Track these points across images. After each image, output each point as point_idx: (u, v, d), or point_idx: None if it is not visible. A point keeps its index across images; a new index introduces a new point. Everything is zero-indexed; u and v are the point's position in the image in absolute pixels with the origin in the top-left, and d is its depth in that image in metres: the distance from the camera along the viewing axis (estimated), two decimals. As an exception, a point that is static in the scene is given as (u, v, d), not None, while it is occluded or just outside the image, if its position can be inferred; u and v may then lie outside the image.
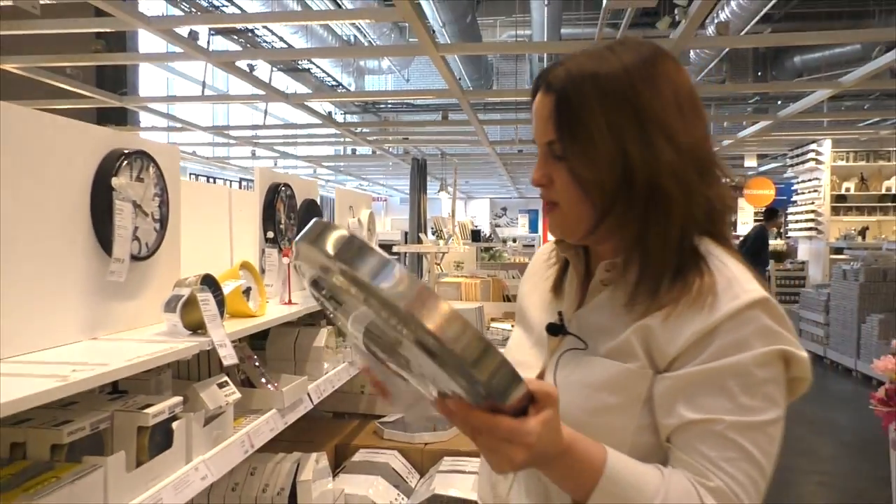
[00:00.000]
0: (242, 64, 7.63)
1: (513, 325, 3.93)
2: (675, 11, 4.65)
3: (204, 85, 9.76)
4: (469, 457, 2.35)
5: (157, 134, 10.29)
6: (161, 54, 7.61)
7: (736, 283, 0.82)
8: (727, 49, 10.62)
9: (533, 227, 20.04)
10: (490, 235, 11.56)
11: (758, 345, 0.79)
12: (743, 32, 9.10)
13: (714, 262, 0.85)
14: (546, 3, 9.44)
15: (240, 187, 14.34)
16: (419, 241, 7.12)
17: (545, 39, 10.04)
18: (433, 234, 8.27)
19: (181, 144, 11.24)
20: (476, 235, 8.79)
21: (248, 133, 10.75)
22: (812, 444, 5.03)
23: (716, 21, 8.91)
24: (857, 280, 7.19)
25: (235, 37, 10.02)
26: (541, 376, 0.94)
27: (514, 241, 12.47)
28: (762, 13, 8.99)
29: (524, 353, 0.99)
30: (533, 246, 11.72)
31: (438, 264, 6.29)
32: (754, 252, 8.66)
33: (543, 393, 0.72)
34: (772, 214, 9.39)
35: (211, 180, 13.70)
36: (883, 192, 10.38)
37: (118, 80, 7.35)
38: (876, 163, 10.42)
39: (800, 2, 11.09)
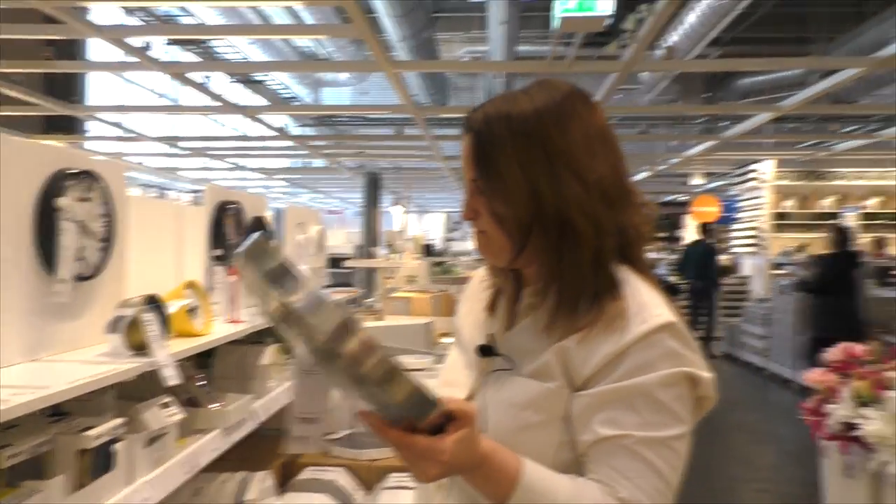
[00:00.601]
0: (197, 75, 7.57)
1: (461, 342, 3.93)
2: (623, 36, 4.79)
3: (157, 94, 9.64)
4: (415, 473, 2.38)
5: (105, 143, 10.08)
6: (113, 63, 7.48)
7: (645, 308, 0.89)
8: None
9: (487, 241, 20.12)
10: (443, 250, 11.62)
11: (663, 366, 0.85)
12: (692, 54, 9.39)
13: (628, 289, 0.91)
14: (503, 21, 9.59)
15: (192, 200, 14.14)
16: (371, 256, 7.14)
17: (502, 56, 10.18)
18: (386, 248, 8.29)
19: (131, 154, 11.03)
20: (429, 250, 8.83)
21: (200, 144, 10.61)
22: (752, 453, 5.20)
23: (665, 43, 9.19)
24: (794, 295, 7.45)
25: (192, 47, 9.91)
26: (471, 395, 0.99)
27: (467, 255, 12.55)
28: (711, 37, 9.31)
29: (457, 373, 1.04)
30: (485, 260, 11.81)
31: (391, 278, 6.32)
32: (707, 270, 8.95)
33: (462, 412, 0.80)
34: (707, 230, 9.66)
35: (161, 192, 13.48)
36: (820, 210, 10.79)
37: (68, 88, 7.20)
38: (814, 182, 10.84)
39: (747, 27, 11.51)
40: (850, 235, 8.05)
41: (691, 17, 8.94)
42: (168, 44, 9.36)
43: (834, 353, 3.01)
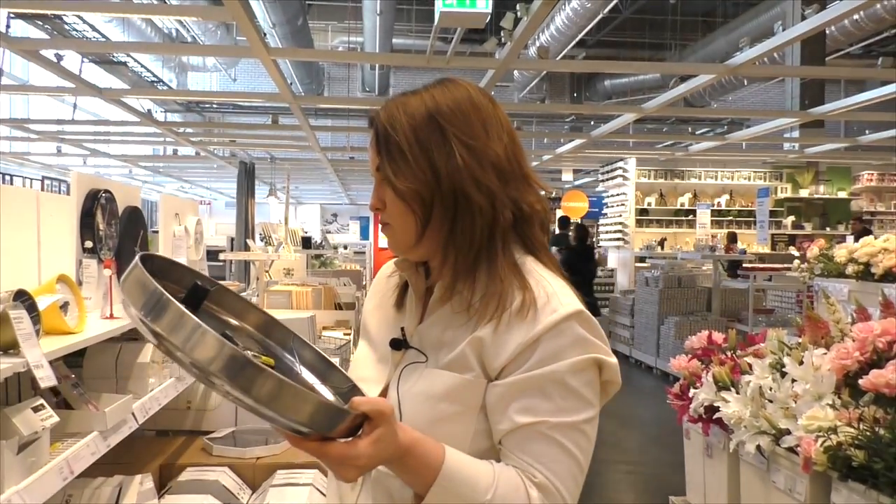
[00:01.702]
0: (48, 53, 6.97)
1: (344, 334, 3.92)
2: (501, 33, 4.91)
3: (0, 73, 8.81)
4: (303, 468, 2.34)
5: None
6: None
7: (555, 297, 0.92)
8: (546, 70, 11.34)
9: (364, 234, 20.07)
10: (321, 242, 11.44)
11: (573, 353, 0.89)
12: (560, 56, 9.79)
13: (535, 277, 0.95)
14: (378, 12, 9.55)
15: (42, 187, 13.06)
16: (247, 248, 6.91)
17: (377, 47, 10.14)
18: (261, 240, 8.04)
19: (-28, 137, 10.05)
20: (307, 242, 8.67)
21: (53, 128, 9.82)
22: (619, 437, 5.51)
23: (536, 42, 9.52)
24: (657, 286, 7.96)
25: (40, 22, 9.12)
26: (385, 389, 0.98)
27: (346, 247, 12.44)
28: (577, 38, 9.74)
29: (369, 369, 1.03)
30: (364, 253, 11.75)
31: (267, 271, 6.14)
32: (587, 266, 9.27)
33: (377, 412, 0.80)
34: (565, 223, 10.07)
35: (7, 178, 12.35)
36: (678, 206, 11.58)
37: None
38: (672, 181, 11.61)
39: (609, 31, 12.14)
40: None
41: (558, 20, 9.34)
42: (11, 17, 8.58)
43: (695, 341, 3.23)
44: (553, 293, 0.93)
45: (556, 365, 0.88)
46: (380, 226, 1.02)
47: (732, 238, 10.29)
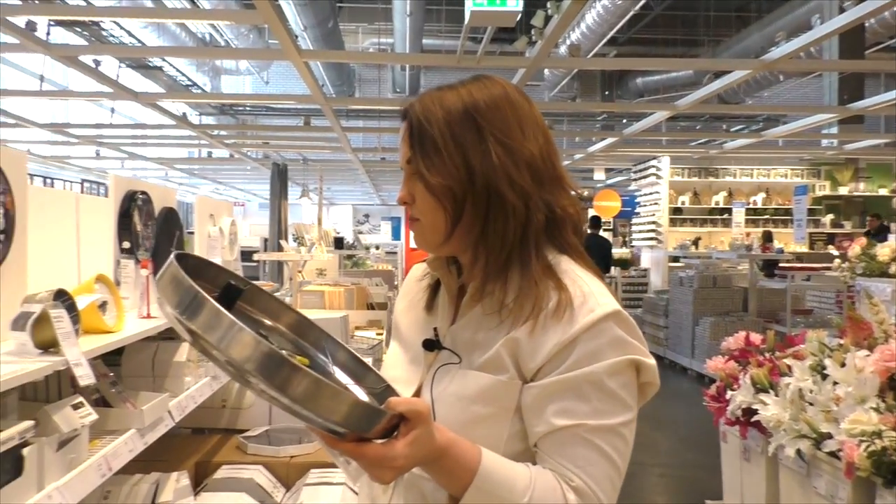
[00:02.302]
0: (86, 58, 7.13)
1: (377, 333, 3.92)
2: (532, 32, 4.89)
3: (42, 79, 9.03)
4: (337, 468, 2.35)
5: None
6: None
7: (591, 296, 0.91)
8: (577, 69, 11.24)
9: (395, 235, 20.15)
10: (353, 243, 11.51)
11: (610, 355, 0.88)
12: (591, 54, 9.71)
13: (571, 277, 0.93)
14: (408, 13, 9.57)
15: (82, 189, 13.35)
16: (280, 249, 6.97)
17: (407, 48, 10.17)
18: (294, 240, 8.11)
19: (13, 142, 10.30)
20: (339, 243, 8.72)
21: (92, 132, 10.04)
22: (654, 439, 5.44)
23: (567, 41, 9.45)
24: (691, 286, 7.85)
25: (79, 29, 9.32)
26: (418, 391, 0.98)
27: (378, 248, 12.49)
28: (608, 36, 9.65)
29: (401, 370, 1.03)
30: (396, 253, 11.79)
31: (300, 272, 6.19)
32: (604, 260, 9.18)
33: (414, 412, 0.79)
34: (596, 223, 9.99)
35: (48, 181, 12.66)
36: (713, 205, 11.41)
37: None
38: (707, 179, 11.44)
39: (640, 28, 12.01)
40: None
41: (589, 18, 9.25)
42: (52, 24, 8.77)
43: (732, 342, 3.18)
44: (590, 292, 0.91)
45: (593, 366, 0.87)
46: (409, 221, 1.02)
47: (768, 237, 10.10)
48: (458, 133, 0.93)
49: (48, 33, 7.99)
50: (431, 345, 0.99)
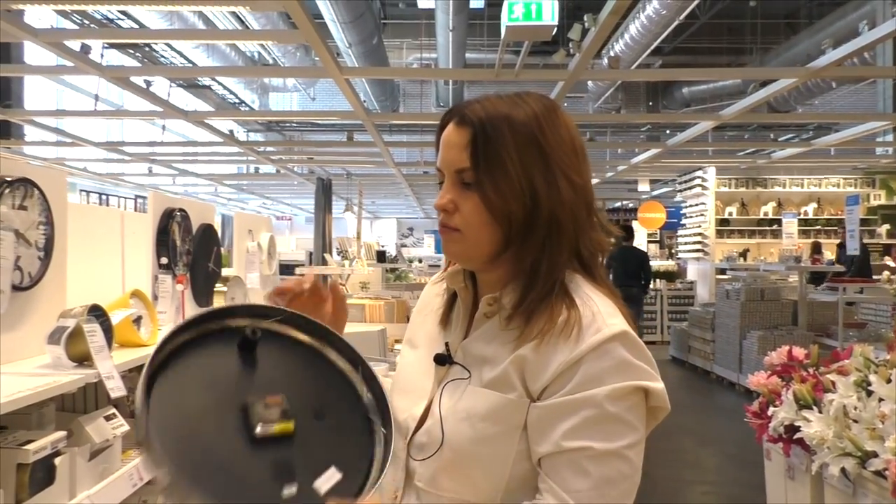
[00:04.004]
0: (139, 79, 7.38)
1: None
2: (570, 45, 4.88)
3: (97, 99, 9.38)
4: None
5: (45, 149, 9.76)
6: (50, 67, 7.27)
7: (599, 316, 0.89)
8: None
9: (438, 248, 20.22)
10: (396, 256, 11.60)
11: (615, 379, 0.86)
12: (635, 65, 9.63)
13: (581, 296, 0.92)
14: (451, 28, 9.65)
15: (135, 205, 13.78)
16: (324, 262, 7.08)
17: (450, 63, 10.24)
18: (338, 254, 8.22)
19: (71, 160, 10.71)
20: (381, 256, 8.81)
21: (145, 150, 10.38)
22: (698, 456, 5.32)
23: (610, 52, 9.39)
24: (738, 299, 7.67)
25: (131, 51, 9.67)
26: (429, 405, 0.98)
27: (420, 261, 12.56)
28: (652, 46, 9.56)
29: (413, 383, 1.03)
30: (439, 266, 11.84)
31: (343, 285, 6.27)
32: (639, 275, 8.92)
33: None
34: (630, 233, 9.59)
35: (103, 197, 13.11)
36: (761, 216, 11.15)
37: (1, 91, 6.96)
38: (754, 189, 11.19)
39: (686, 37, 11.86)
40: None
41: (633, 29, 9.18)
42: (107, 48, 9.12)
43: (775, 356, 3.10)
44: (598, 312, 0.90)
45: (596, 390, 0.85)
46: (440, 227, 0.98)
47: (817, 248, 9.81)
48: (526, 159, 0.92)
49: (102, 55, 8.30)
50: (443, 359, 0.99)
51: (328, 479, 0.81)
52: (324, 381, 0.93)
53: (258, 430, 0.78)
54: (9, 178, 1.47)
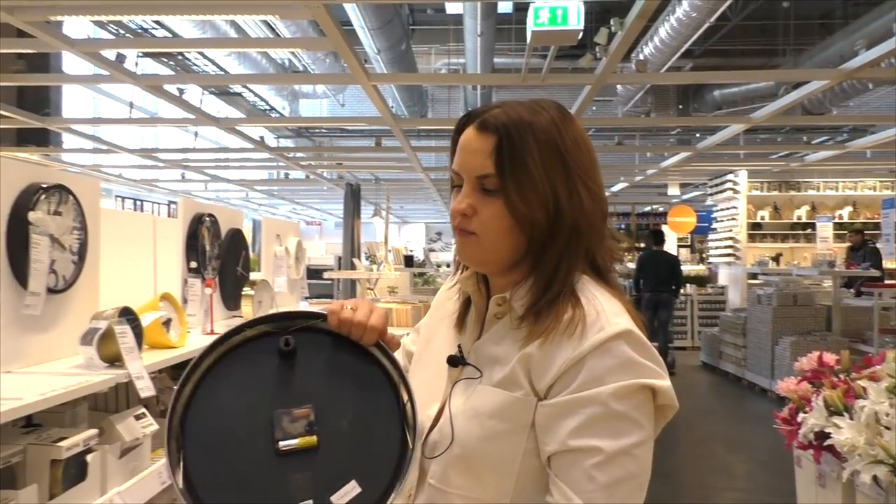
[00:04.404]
0: (172, 87, 7.53)
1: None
2: (596, 49, 4.87)
3: (132, 107, 9.58)
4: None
5: (82, 156, 9.99)
6: (87, 76, 7.44)
7: (603, 315, 0.90)
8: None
9: (467, 253, 20.19)
10: (424, 260, 11.64)
11: (619, 377, 0.86)
12: (665, 67, 9.54)
13: (587, 295, 0.93)
14: (479, 33, 9.68)
15: (168, 210, 14.03)
16: (353, 267, 7.14)
17: (478, 68, 10.26)
18: (367, 258, 8.29)
19: (107, 166, 10.95)
20: (409, 260, 8.85)
21: (178, 156, 10.58)
22: (728, 463, 5.25)
23: (639, 55, 9.32)
24: (770, 304, 7.55)
25: (165, 59, 9.86)
26: (443, 406, 1.00)
27: (448, 266, 12.59)
28: (682, 49, 9.47)
29: (428, 385, 1.05)
30: (466, 270, 11.83)
31: (372, 289, 6.32)
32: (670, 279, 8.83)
33: None
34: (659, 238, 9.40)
35: (138, 203, 13.37)
36: (794, 220, 10.96)
37: (40, 100, 7.15)
38: (788, 192, 11.02)
39: (717, 39, 11.72)
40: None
41: (662, 31, 9.11)
42: (142, 56, 9.31)
43: (805, 362, 3.06)
44: (602, 311, 0.91)
45: (601, 388, 0.86)
46: (457, 231, 0.99)
47: (854, 248, 9.63)
48: (549, 166, 0.94)
49: (137, 64, 8.48)
50: (455, 361, 1.00)
51: (346, 494, 0.84)
52: (363, 386, 0.94)
53: (281, 444, 0.82)
54: (44, 185, 1.52)
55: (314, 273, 7.04)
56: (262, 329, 0.93)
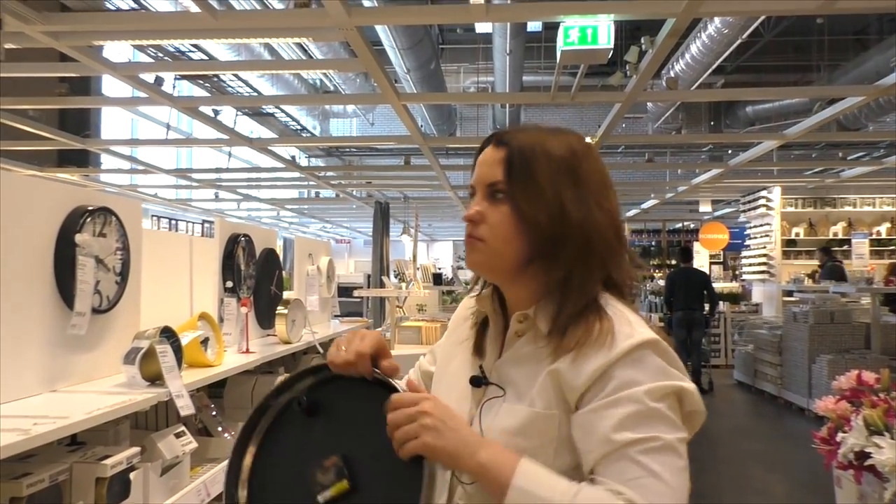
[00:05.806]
0: (207, 108, 7.69)
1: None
2: (626, 67, 4.87)
3: (168, 128, 9.79)
4: None
5: (119, 176, 10.22)
6: (126, 98, 7.64)
7: (630, 325, 0.93)
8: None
9: (496, 270, 20.15)
10: (452, 278, 11.65)
11: (651, 379, 0.88)
12: (696, 84, 9.49)
13: (612, 309, 0.96)
14: (507, 52, 9.73)
15: (202, 229, 14.25)
16: (381, 285, 7.18)
17: (507, 86, 10.31)
18: (395, 276, 8.32)
19: (144, 186, 11.18)
20: (438, 278, 8.86)
21: (212, 176, 10.76)
22: (767, 483, 5.14)
23: (670, 72, 9.28)
24: (806, 322, 7.41)
25: (201, 81, 10.08)
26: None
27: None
28: (714, 66, 9.41)
29: (452, 407, 1.06)
30: (495, 288, 11.80)
31: (401, 307, 6.34)
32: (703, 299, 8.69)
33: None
34: (687, 255, 9.29)
35: (173, 222, 13.60)
36: (830, 237, 10.76)
37: (81, 122, 7.34)
38: (823, 209, 10.83)
39: (750, 55, 11.63)
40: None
41: (694, 48, 9.06)
42: (177, 78, 9.52)
43: (844, 381, 3.00)
44: (629, 322, 0.94)
45: (634, 389, 0.88)
46: (466, 238, 1.02)
47: (894, 270, 9.40)
48: (558, 176, 0.97)
49: (174, 86, 8.68)
50: (478, 381, 1.02)
51: None
52: (377, 419, 0.95)
53: (319, 498, 0.88)
54: (90, 207, 1.57)
55: (344, 291, 7.08)
56: (285, 398, 0.99)
